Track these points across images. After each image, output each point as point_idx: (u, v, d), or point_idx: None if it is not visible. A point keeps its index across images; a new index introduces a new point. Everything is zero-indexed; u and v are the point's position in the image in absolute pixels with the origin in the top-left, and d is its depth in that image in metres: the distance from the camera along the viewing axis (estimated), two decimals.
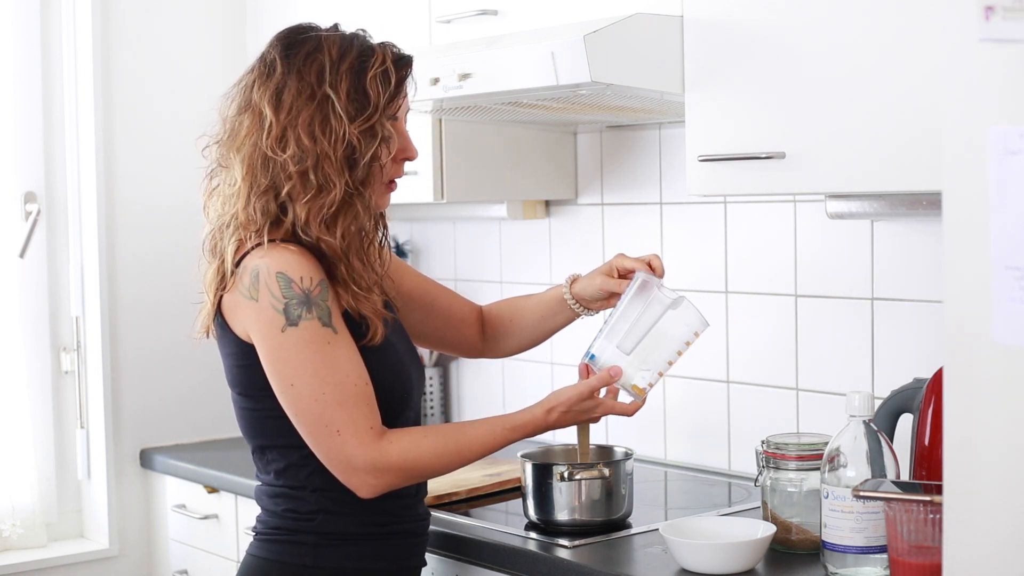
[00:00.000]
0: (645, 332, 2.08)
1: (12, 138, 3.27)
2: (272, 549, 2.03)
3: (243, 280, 1.94)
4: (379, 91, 1.97)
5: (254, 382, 1.98)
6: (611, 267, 2.19)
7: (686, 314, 2.10)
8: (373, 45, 2.02)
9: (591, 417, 2.07)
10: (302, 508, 2.01)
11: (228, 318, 1.99)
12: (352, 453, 1.92)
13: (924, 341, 2.38)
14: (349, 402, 1.91)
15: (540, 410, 2.04)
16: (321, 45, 1.98)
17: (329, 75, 1.96)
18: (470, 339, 2.39)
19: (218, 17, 3.49)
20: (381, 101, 1.97)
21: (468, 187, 2.91)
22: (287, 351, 1.91)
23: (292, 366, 1.91)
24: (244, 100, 2.00)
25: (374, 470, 1.92)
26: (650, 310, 2.09)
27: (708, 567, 2.02)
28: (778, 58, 2.13)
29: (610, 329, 2.09)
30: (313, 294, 1.92)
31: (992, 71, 1.46)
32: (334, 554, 2.00)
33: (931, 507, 1.80)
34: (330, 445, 1.92)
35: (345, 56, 1.98)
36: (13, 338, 3.26)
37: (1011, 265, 1.45)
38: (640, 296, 2.10)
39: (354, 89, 1.96)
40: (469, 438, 2.00)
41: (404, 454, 1.94)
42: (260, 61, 2.02)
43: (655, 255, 2.18)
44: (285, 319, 1.91)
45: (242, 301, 1.94)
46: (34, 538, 3.26)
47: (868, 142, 2.01)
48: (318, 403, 1.91)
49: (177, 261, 3.36)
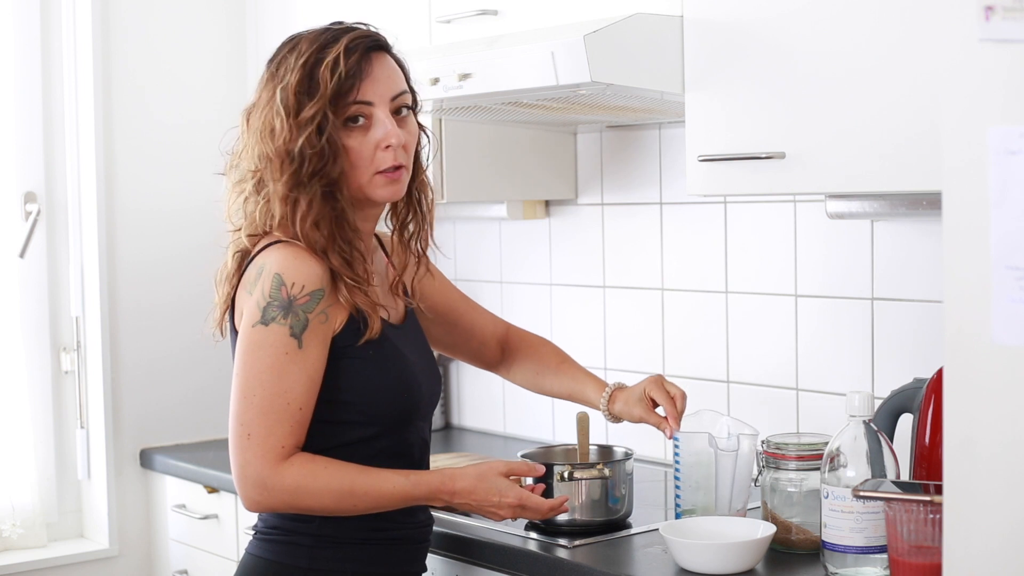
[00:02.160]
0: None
1: (12, 138, 3.27)
2: (270, 549, 2.02)
3: (250, 274, 1.96)
4: (327, 80, 1.92)
5: None
6: (648, 397, 2.25)
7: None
8: (341, 34, 1.96)
9: (500, 502, 2.03)
10: None
11: (236, 315, 1.99)
12: (248, 461, 1.90)
13: (924, 341, 2.38)
14: (273, 415, 1.89)
15: (447, 474, 2.01)
16: (298, 43, 1.97)
17: (284, 72, 1.95)
18: (486, 357, 2.43)
19: (218, 18, 3.49)
20: (328, 91, 1.91)
21: (468, 187, 2.91)
22: (248, 346, 1.92)
23: (245, 361, 1.92)
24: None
25: (262, 486, 1.90)
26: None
27: (708, 567, 2.02)
28: (778, 58, 2.13)
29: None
30: (297, 302, 1.90)
31: (992, 71, 1.46)
32: (331, 557, 1.99)
33: (931, 507, 1.80)
34: (236, 446, 1.91)
35: (307, 49, 1.95)
36: (13, 338, 3.26)
37: (1011, 265, 1.45)
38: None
39: (305, 81, 1.93)
40: (368, 480, 1.93)
41: (296, 479, 1.90)
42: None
43: (679, 393, 2.25)
44: (260, 316, 1.91)
45: (243, 295, 1.96)
46: (34, 538, 3.26)
47: (868, 142, 2.01)
48: (245, 402, 1.90)
49: (177, 261, 3.36)
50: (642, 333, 2.93)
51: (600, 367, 3.02)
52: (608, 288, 3.01)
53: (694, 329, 2.83)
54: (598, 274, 3.03)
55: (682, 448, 2.26)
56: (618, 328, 2.99)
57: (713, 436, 2.22)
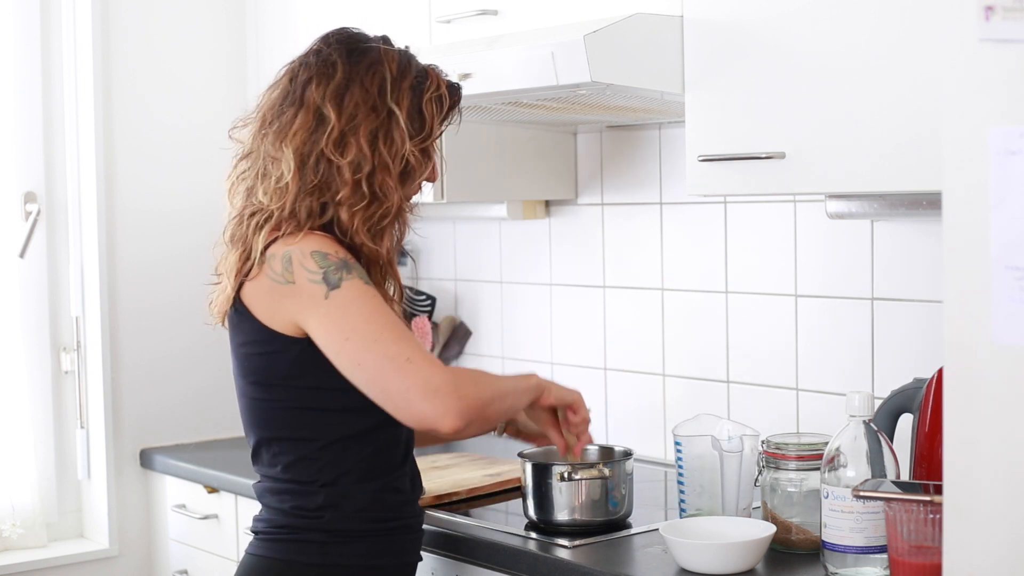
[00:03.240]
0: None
1: (12, 138, 3.27)
2: (277, 548, 2.02)
3: (273, 267, 1.94)
4: (433, 114, 2.04)
5: (273, 371, 1.99)
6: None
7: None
8: (425, 67, 2.07)
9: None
10: (310, 505, 2.00)
11: (249, 304, 1.98)
12: (430, 373, 1.88)
13: (924, 341, 2.38)
14: (409, 337, 1.92)
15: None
16: (382, 58, 2.02)
17: (391, 90, 2.00)
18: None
19: (218, 18, 3.49)
20: (436, 123, 2.05)
21: (468, 187, 2.91)
22: (335, 311, 1.91)
23: (344, 322, 1.91)
24: (296, 93, 2.00)
25: (455, 390, 1.88)
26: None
27: (708, 567, 2.02)
28: (778, 58, 2.13)
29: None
30: (349, 260, 1.94)
31: (992, 71, 1.46)
32: (341, 552, 2.01)
33: (931, 507, 1.80)
34: (405, 372, 1.88)
35: (405, 74, 2.03)
36: (13, 338, 3.26)
37: (1011, 265, 1.45)
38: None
39: (413, 107, 2.02)
40: (502, 381, 2.05)
41: (472, 377, 1.97)
42: (316, 58, 2.02)
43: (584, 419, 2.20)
44: (326, 286, 1.91)
45: (275, 288, 1.94)
46: (34, 538, 3.26)
47: (868, 142, 2.01)
48: (379, 343, 1.89)
49: (177, 261, 3.36)
50: (642, 333, 2.93)
51: (600, 367, 3.02)
52: (608, 288, 3.01)
53: (694, 329, 2.83)
54: (598, 274, 3.03)
55: (684, 452, 2.26)
56: (618, 328, 2.99)
57: (716, 438, 2.22)
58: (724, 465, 2.21)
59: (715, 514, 2.22)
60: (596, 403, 2.99)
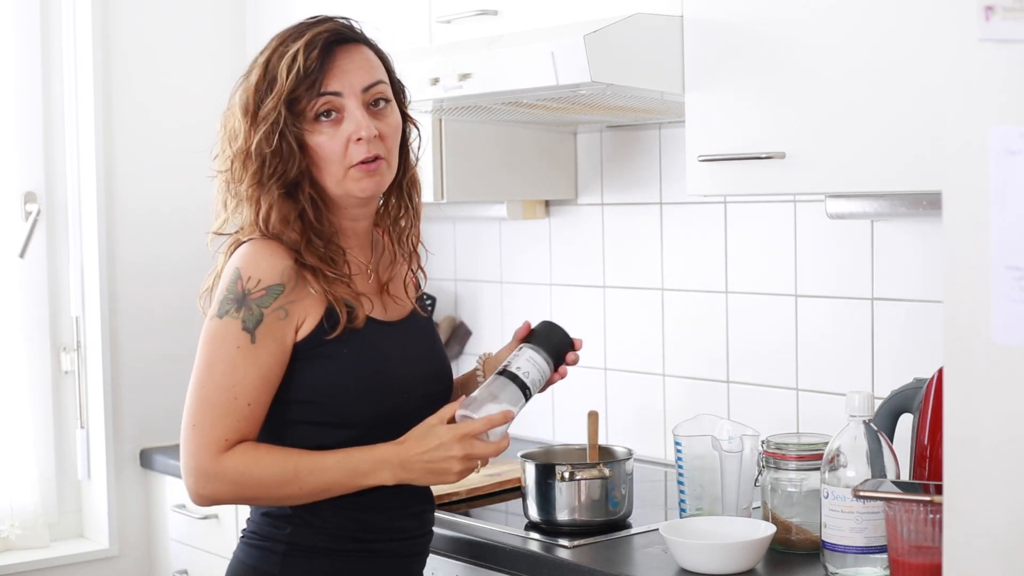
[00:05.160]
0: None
1: (12, 138, 3.27)
2: (248, 553, 1.99)
3: (222, 271, 1.97)
4: (284, 77, 1.88)
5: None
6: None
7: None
8: (306, 29, 1.92)
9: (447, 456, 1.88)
10: (277, 514, 1.96)
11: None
12: (191, 452, 1.89)
13: (924, 341, 2.38)
14: (220, 407, 1.87)
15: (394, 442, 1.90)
16: (272, 41, 1.95)
17: (250, 70, 1.95)
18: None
19: (218, 19, 3.49)
20: (284, 87, 1.88)
21: (468, 187, 2.91)
22: (203, 338, 1.91)
23: (199, 353, 1.91)
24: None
25: (204, 476, 1.88)
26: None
27: (708, 567, 2.02)
28: (778, 58, 2.13)
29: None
30: (251, 296, 1.87)
31: (992, 71, 1.46)
32: (304, 566, 1.94)
33: (931, 507, 1.80)
34: (182, 436, 1.90)
35: (270, 46, 1.94)
36: (13, 338, 3.26)
37: (1011, 265, 1.45)
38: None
39: (264, 79, 1.92)
40: (312, 460, 1.88)
41: (238, 467, 1.87)
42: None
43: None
44: (216, 309, 1.90)
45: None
46: (34, 538, 3.26)
47: (868, 142, 2.01)
48: (195, 393, 1.90)
49: (178, 261, 3.36)
50: (642, 333, 2.93)
51: (600, 367, 3.02)
52: (608, 288, 3.01)
53: (694, 329, 2.83)
54: (598, 274, 3.03)
55: (684, 453, 2.26)
56: (618, 328, 2.99)
57: (716, 439, 2.22)
58: (724, 465, 2.21)
59: (715, 514, 2.22)
60: (596, 403, 2.99)
